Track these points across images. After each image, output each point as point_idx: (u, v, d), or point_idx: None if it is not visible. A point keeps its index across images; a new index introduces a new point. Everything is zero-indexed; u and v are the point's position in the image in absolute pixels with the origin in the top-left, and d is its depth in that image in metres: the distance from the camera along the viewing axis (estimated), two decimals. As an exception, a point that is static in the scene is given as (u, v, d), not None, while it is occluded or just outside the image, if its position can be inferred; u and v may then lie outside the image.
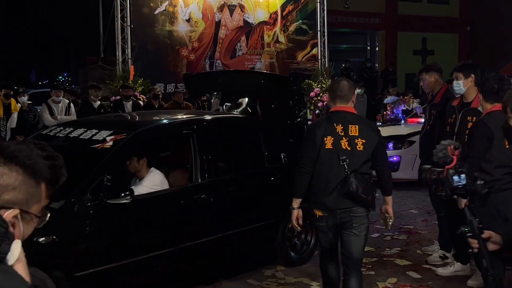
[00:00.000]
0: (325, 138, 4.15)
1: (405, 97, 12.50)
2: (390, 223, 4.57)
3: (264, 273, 5.78)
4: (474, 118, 5.00)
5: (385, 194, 4.45)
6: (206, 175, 5.25)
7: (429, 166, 2.87)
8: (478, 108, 4.94)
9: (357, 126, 4.19)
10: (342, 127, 4.16)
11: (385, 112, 12.04)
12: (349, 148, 4.14)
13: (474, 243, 2.53)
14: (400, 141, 10.02)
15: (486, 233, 2.53)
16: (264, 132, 6.16)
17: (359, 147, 4.16)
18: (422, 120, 10.56)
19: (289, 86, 7.26)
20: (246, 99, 7.62)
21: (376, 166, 4.34)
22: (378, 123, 11.14)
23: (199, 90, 8.74)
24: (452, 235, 5.62)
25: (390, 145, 9.93)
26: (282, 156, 6.02)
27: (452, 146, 2.65)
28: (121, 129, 5.19)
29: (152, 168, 5.26)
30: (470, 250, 5.20)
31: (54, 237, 4.10)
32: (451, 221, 5.86)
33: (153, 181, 5.13)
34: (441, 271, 5.66)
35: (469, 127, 5.07)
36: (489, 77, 4.82)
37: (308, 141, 4.28)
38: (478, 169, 4.42)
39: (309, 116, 12.45)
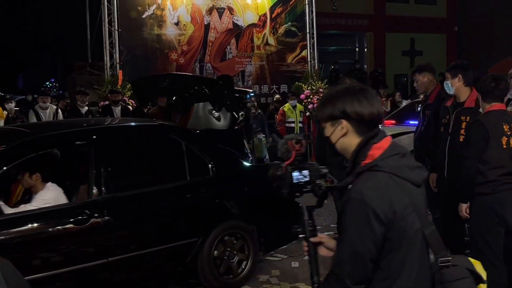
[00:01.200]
0: None
1: (382, 98, 12.29)
2: None
3: (259, 279, 5.71)
4: (468, 117, 4.97)
5: None
6: (103, 191, 4.75)
7: (277, 162, 2.68)
8: (480, 110, 4.89)
9: None
10: None
11: None
12: None
13: (305, 245, 2.39)
14: None
15: (318, 237, 2.39)
16: (188, 141, 5.45)
17: None
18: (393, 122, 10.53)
19: (218, 90, 6.73)
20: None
21: None
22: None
23: (147, 96, 8.19)
24: (448, 237, 5.57)
25: None
26: (210, 167, 5.39)
27: (294, 141, 2.53)
28: (3, 140, 4.75)
29: (49, 184, 4.84)
30: (467, 251, 5.21)
31: None
32: (447, 222, 5.83)
33: (44, 199, 4.71)
34: (437, 273, 5.59)
35: (463, 126, 5.05)
36: (485, 77, 4.78)
37: None
38: (475, 170, 4.39)
39: (300, 119, 12.43)
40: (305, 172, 2.49)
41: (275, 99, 13.59)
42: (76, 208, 4.67)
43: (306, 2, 14.90)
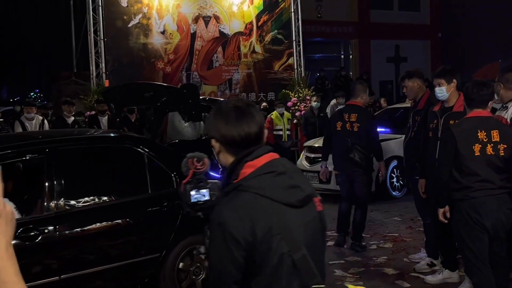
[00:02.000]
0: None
1: None
2: None
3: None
4: (456, 122, 4.93)
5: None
6: (56, 205, 4.55)
7: (192, 155, 2.62)
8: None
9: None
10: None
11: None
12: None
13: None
14: None
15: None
16: (150, 152, 5.18)
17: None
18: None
19: (183, 99, 6.50)
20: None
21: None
22: None
23: (118, 105, 7.92)
24: (439, 242, 5.58)
25: None
26: (174, 179, 5.13)
27: (195, 159, 2.49)
28: None
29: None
30: (459, 256, 5.23)
31: None
32: (438, 228, 5.84)
33: None
34: (430, 279, 5.59)
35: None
36: (468, 83, 4.81)
37: None
38: (447, 176, 4.42)
39: (287, 126, 12.43)
40: (204, 191, 2.45)
41: (262, 107, 13.59)
42: (27, 223, 4.43)
43: (292, 10, 14.96)
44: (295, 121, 13.54)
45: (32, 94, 34.86)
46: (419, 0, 24.99)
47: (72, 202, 4.69)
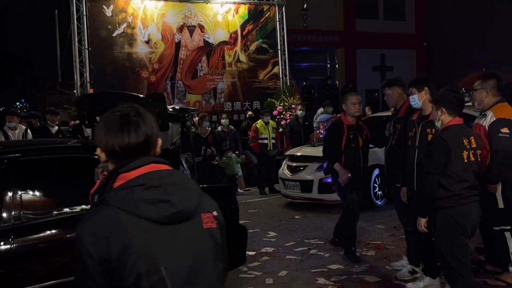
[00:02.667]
0: None
1: (338, 115, 12.11)
2: None
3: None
4: (434, 130, 5.00)
5: None
6: (10, 218, 4.39)
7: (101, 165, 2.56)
8: (437, 124, 4.93)
9: None
10: None
11: (318, 131, 11.45)
12: None
13: None
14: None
15: None
16: None
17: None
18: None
19: (148, 108, 6.50)
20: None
21: None
22: (311, 143, 10.95)
23: (91, 114, 8.00)
24: (420, 249, 5.59)
25: (326, 165, 9.69)
26: None
27: (100, 169, 2.43)
28: None
29: None
30: (439, 264, 5.24)
31: None
32: (419, 235, 5.85)
33: None
34: (411, 286, 5.60)
35: (429, 139, 5.09)
36: (446, 91, 4.84)
37: None
38: (437, 186, 4.43)
39: (272, 135, 12.44)
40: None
41: (247, 115, 13.61)
42: None
43: (277, 19, 15.02)
44: (280, 129, 13.57)
45: (17, 103, 34.66)
46: (405, 10, 25.18)
47: (31, 214, 4.54)
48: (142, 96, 6.11)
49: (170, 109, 7.50)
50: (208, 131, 11.54)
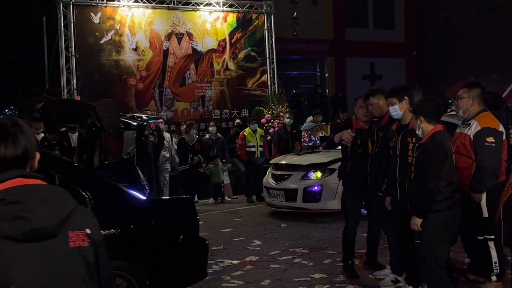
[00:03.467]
0: None
1: (322, 123, 12.12)
2: None
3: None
4: (414, 138, 5.04)
5: None
6: None
7: None
8: (418, 132, 4.93)
9: None
10: None
11: (302, 140, 11.45)
12: None
13: None
14: (321, 169, 9.60)
15: None
16: (62, 173, 4.96)
17: None
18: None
19: (98, 117, 6.05)
20: None
21: None
22: (296, 151, 10.90)
23: (54, 123, 7.69)
24: (403, 259, 5.57)
25: (311, 174, 9.68)
26: (88, 202, 4.89)
27: None
28: None
29: None
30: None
31: None
32: (402, 244, 5.83)
33: None
34: (394, 295, 5.58)
35: (410, 148, 5.11)
36: (425, 99, 4.88)
37: None
38: (437, 189, 4.51)
39: (260, 143, 12.41)
40: None
41: (235, 123, 13.58)
42: None
43: (266, 28, 15.03)
44: (268, 137, 13.55)
45: (7, 110, 34.43)
46: (394, 19, 25.28)
47: None
48: (93, 104, 5.79)
49: (127, 117, 7.28)
50: (195, 139, 11.51)
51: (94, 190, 4.90)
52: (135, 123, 6.87)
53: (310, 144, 11.03)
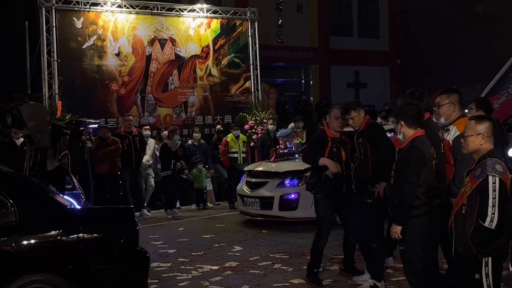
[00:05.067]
0: None
1: (298, 130, 12.08)
2: None
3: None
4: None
5: None
6: None
7: None
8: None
9: None
10: None
11: (278, 146, 11.30)
12: None
13: None
14: (298, 176, 9.41)
15: None
16: None
17: None
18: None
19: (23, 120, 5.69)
20: None
21: None
22: (271, 158, 10.79)
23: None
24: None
25: (287, 181, 9.51)
26: (13, 212, 4.57)
27: None
28: None
29: None
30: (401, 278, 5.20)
31: None
32: (384, 250, 5.85)
33: None
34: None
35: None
36: (406, 104, 4.90)
37: None
38: (415, 194, 4.53)
39: (243, 149, 12.38)
40: None
41: (216, 129, 13.53)
42: None
43: (249, 34, 15.02)
44: (251, 144, 13.52)
45: (-11, 116, 34.01)
46: (378, 28, 25.48)
47: None
48: (18, 107, 5.53)
49: (59, 121, 6.95)
50: (178, 145, 11.44)
51: (17, 197, 4.63)
52: (69, 128, 6.50)
53: (285, 151, 10.87)
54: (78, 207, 5.50)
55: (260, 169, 10.24)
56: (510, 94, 10.48)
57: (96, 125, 10.35)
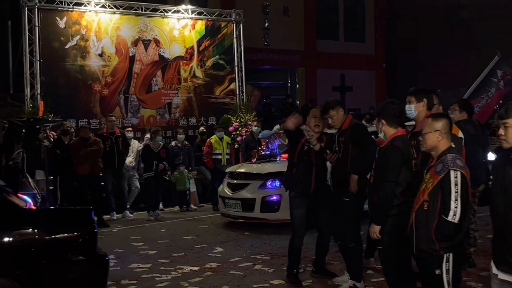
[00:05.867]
0: None
1: (280, 132, 12.03)
2: None
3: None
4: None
5: None
6: None
7: None
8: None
9: None
10: None
11: (259, 148, 11.26)
12: None
13: None
14: (280, 178, 9.16)
15: None
16: None
17: None
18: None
19: None
20: None
21: None
22: (253, 160, 10.74)
23: None
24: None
25: (269, 183, 9.41)
26: None
27: None
28: None
29: None
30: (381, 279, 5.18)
31: None
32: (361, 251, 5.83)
33: None
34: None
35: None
36: (387, 103, 4.89)
37: None
38: (394, 193, 4.54)
39: (227, 151, 12.32)
40: None
41: (200, 131, 13.46)
42: None
43: (234, 36, 14.99)
44: (236, 146, 13.47)
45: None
46: (364, 32, 25.59)
47: None
48: None
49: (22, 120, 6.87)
50: (161, 146, 11.36)
51: None
52: (24, 126, 6.44)
53: (267, 152, 10.80)
54: (33, 207, 5.38)
55: (242, 170, 10.17)
56: (490, 98, 10.59)
57: (55, 123, 10.16)
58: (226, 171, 10.76)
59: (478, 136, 6.66)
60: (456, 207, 3.79)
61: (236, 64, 15.03)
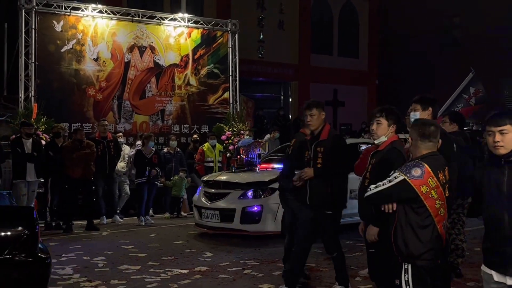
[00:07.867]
0: None
1: (260, 140, 11.97)
2: None
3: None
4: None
5: None
6: None
7: None
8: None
9: None
10: None
11: (239, 156, 11.07)
12: None
13: None
14: (261, 188, 8.99)
15: None
16: None
17: None
18: (277, 165, 9.47)
19: None
20: None
21: None
22: (232, 168, 10.63)
23: None
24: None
25: (250, 193, 9.04)
26: None
27: None
28: None
29: None
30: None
31: None
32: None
33: None
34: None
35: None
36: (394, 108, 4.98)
37: None
38: None
39: (219, 158, 12.37)
40: None
41: (192, 139, 13.50)
42: None
43: (230, 46, 15.10)
44: (228, 154, 13.52)
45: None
46: (358, 48, 25.81)
47: None
48: None
49: None
50: (153, 151, 11.37)
51: None
52: None
53: (247, 160, 10.68)
54: None
55: (221, 178, 9.78)
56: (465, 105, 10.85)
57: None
58: (203, 179, 10.32)
59: (468, 148, 6.75)
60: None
61: (230, 74, 15.12)
